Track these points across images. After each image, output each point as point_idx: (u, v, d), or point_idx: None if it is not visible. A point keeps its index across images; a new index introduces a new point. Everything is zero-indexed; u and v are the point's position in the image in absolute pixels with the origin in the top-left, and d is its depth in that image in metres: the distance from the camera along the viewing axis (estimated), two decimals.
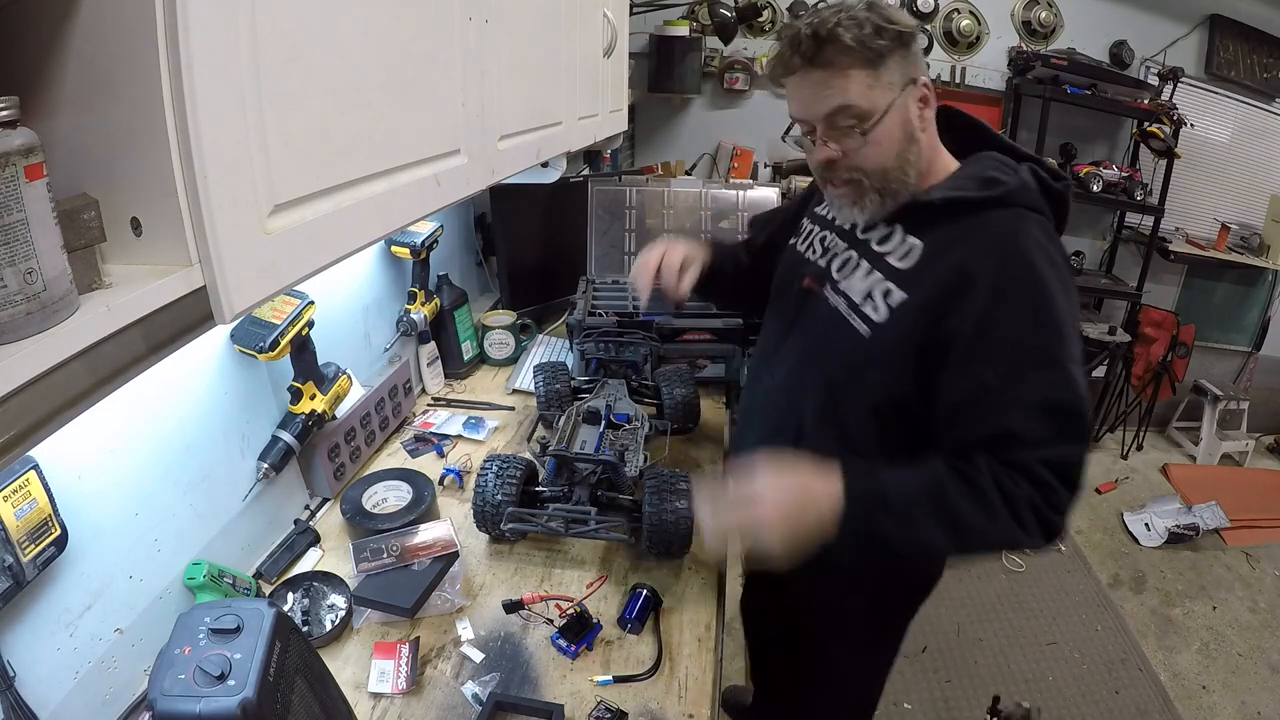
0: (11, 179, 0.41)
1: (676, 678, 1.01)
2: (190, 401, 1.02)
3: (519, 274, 2.11)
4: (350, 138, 0.67)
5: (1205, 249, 3.55)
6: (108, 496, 0.88)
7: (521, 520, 1.17)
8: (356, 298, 1.52)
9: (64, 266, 0.45)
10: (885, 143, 0.93)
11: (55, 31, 0.47)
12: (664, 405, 1.54)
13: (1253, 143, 3.62)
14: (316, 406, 1.23)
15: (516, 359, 1.91)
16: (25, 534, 0.74)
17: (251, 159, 0.54)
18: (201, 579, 0.99)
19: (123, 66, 0.47)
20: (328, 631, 1.02)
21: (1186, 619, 2.67)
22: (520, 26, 1.09)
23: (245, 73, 0.52)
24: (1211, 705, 2.30)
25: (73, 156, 0.50)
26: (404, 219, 0.81)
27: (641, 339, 1.66)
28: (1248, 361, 3.98)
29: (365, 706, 0.94)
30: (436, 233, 1.67)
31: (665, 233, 2.05)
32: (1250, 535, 3.14)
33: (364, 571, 1.08)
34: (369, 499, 1.28)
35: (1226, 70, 3.45)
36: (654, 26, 3.24)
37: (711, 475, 0.94)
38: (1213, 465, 3.68)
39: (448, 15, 0.85)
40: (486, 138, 1.01)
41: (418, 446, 1.51)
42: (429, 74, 0.82)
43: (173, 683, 0.61)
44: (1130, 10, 3.39)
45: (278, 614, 0.69)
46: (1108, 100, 3.24)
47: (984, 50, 3.45)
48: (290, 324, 1.13)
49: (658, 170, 3.14)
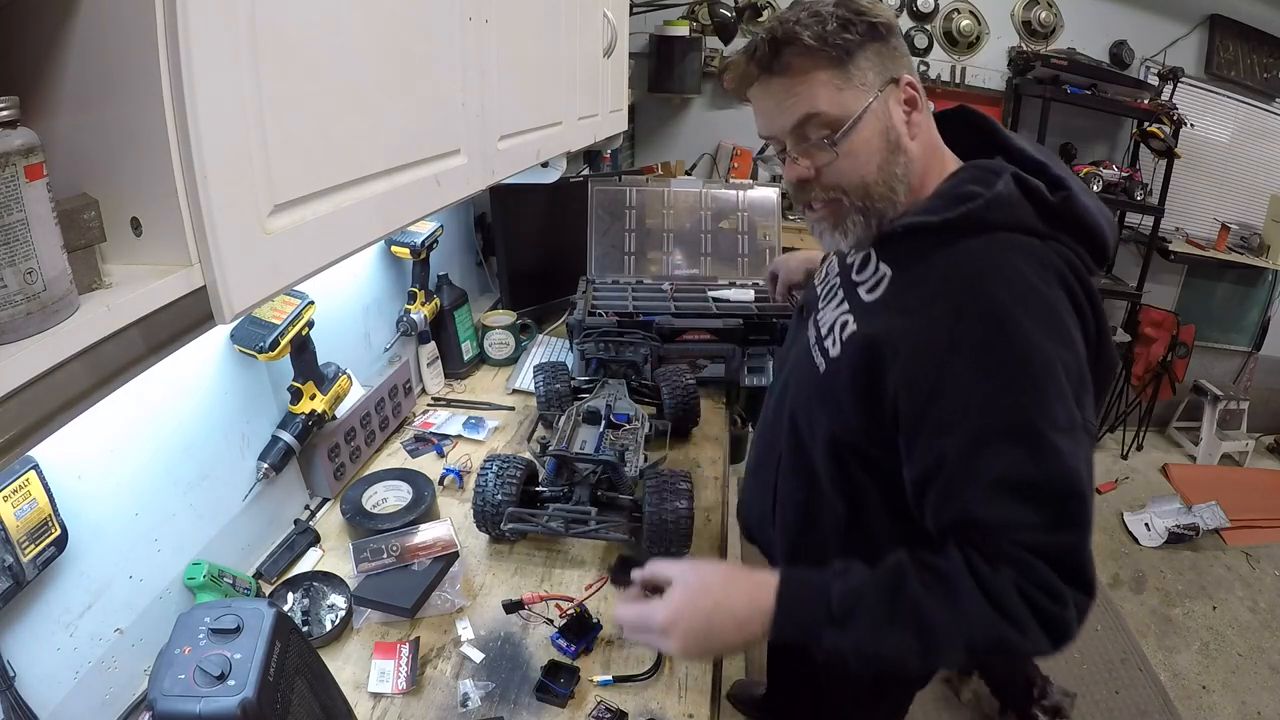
0: (11, 179, 0.41)
1: (676, 678, 1.01)
2: (190, 401, 1.02)
3: (519, 274, 2.11)
4: (350, 138, 0.67)
5: (1205, 249, 3.55)
6: (108, 496, 0.88)
7: (521, 520, 1.17)
8: (356, 298, 1.52)
9: (64, 266, 0.45)
10: (863, 153, 0.80)
11: (55, 31, 0.47)
12: (664, 405, 1.54)
13: (1253, 143, 3.62)
14: (316, 406, 1.22)
15: (516, 359, 1.91)
16: (25, 534, 0.74)
17: (251, 159, 0.54)
18: (201, 579, 0.99)
19: (122, 66, 0.47)
20: (328, 631, 1.02)
21: (1186, 619, 2.67)
22: (520, 26, 1.09)
23: (245, 73, 0.52)
24: (1211, 705, 2.30)
25: (73, 156, 0.50)
26: (404, 219, 0.81)
27: (641, 339, 1.66)
28: (1248, 361, 3.98)
29: (365, 706, 0.94)
30: (436, 233, 1.67)
31: None
32: (1250, 535, 3.14)
33: (364, 571, 1.08)
34: (369, 499, 1.28)
35: (1226, 70, 3.45)
36: (654, 26, 3.24)
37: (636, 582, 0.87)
38: (1213, 465, 3.68)
39: (448, 15, 0.85)
40: (486, 138, 1.01)
41: (418, 446, 1.51)
42: (429, 74, 0.82)
43: (173, 683, 0.61)
44: (1130, 10, 3.39)
45: (278, 614, 0.69)
46: (1108, 100, 3.25)
47: (984, 50, 3.45)
48: (290, 324, 1.13)
49: (658, 170, 3.15)
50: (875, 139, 0.80)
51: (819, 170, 0.82)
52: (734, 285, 2.01)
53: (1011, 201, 0.77)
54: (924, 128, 0.84)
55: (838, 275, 0.97)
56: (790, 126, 0.81)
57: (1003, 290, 0.72)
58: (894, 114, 0.81)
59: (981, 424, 0.71)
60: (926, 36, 3.41)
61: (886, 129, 0.81)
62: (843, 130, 0.79)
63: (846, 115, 0.79)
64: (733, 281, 2.04)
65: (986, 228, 0.76)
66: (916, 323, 0.76)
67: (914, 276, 0.80)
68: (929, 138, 0.86)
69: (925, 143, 0.85)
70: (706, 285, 2.01)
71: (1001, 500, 0.70)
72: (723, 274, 2.08)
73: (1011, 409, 0.70)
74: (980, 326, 0.72)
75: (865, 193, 0.82)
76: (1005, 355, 0.71)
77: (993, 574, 0.70)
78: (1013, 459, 0.70)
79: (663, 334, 1.73)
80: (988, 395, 0.71)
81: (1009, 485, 0.70)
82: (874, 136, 0.80)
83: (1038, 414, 0.70)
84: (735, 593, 0.78)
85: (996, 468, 0.70)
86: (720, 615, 0.78)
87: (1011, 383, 0.70)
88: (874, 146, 0.80)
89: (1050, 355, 0.71)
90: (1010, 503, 0.70)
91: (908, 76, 0.82)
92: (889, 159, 0.81)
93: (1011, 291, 0.72)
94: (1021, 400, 0.70)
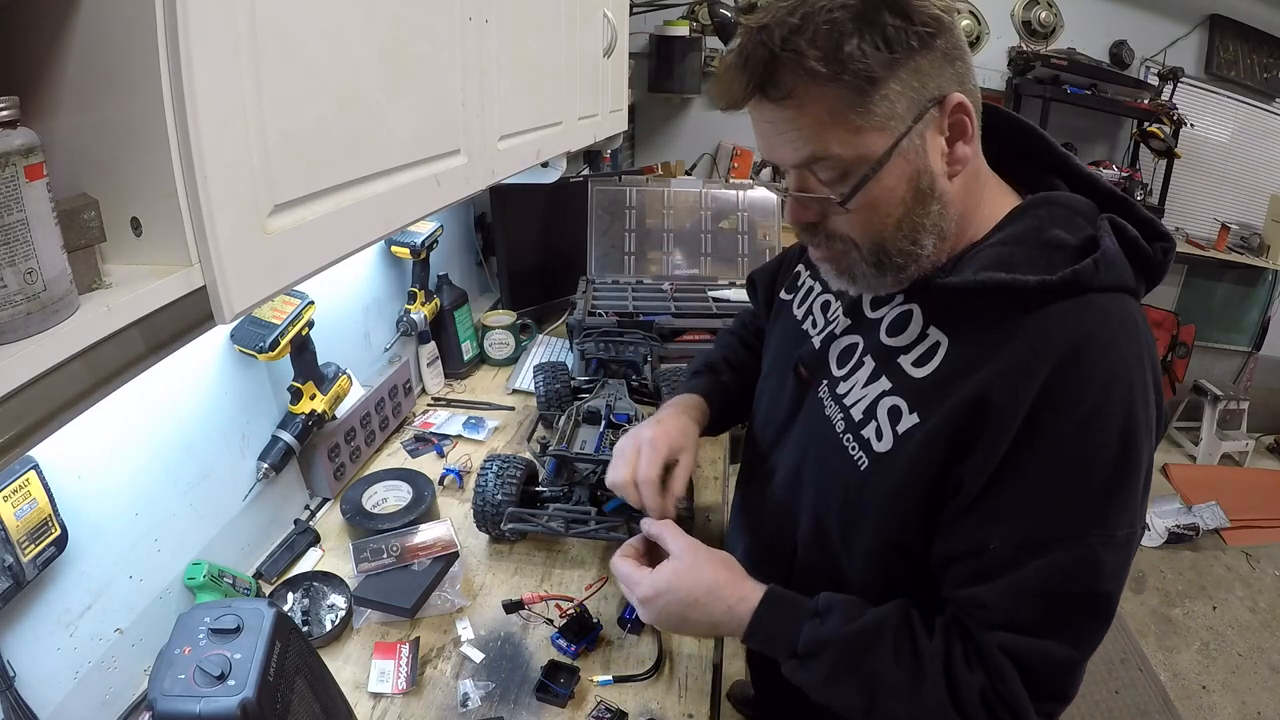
0: (11, 179, 0.41)
1: (676, 678, 1.01)
2: (190, 401, 1.02)
3: (519, 274, 2.11)
4: (350, 138, 0.67)
5: (1205, 249, 3.56)
6: (108, 496, 0.88)
7: (521, 520, 1.17)
8: (356, 298, 1.52)
9: (64, 266, 0.45)
10: (883, 205, 0.63)
11: (55, 31, 0.47)
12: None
13: (1253, 143, 3.63)
14: (316, 406, 1.22)
15: (516, 359, 1.91)
16: (25, 534, 0.74)
17: (251, 159, 0.54)
18: (201, 579, 0.99)
19: (122, 66, 0.47)
20: (328, 631, 1.02)
21: (1186, 619, 2.67)
22: (520, 26, 1.09)
23: (245, 72, 0.52)
24: (1211, 705, 2.30)
25: (73, 156, 0.50)
26: (404, 219, 0.81)
27: (641, 339, 1.66)
28: (1248, 361, 3.98)
29: (365, 706, 0.94)
30: (436, 233, 1.67)
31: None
32: (1250, 535, 3.14)
33: (364, 571, 1.08)
34: (369, 499, 1.28)
35: (1226, 70, 3.45)
36: (654, 26, 3.24)
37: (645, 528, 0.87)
38: (1213, 465, 3.68)
39: (448, 15, 0.85)
40: (486, 138, 1.00)
41: (418, 446, 1.51)
42: (429, 74, 0.82)
43: (173, 683, 0.61)
44: (1130, 10, 3.40)
45: (278, 614, 0.69)
46: (1108, 100, 3.25)
47: (984, 50, 3.45)
48: (290, 324, 1.13)
49: (658, 170, 3.15)
50: (900, 187, 0.63)
51: (824, 215, 0.67)
52: (734, 285, 2.01)
53: (1119, 261, 0.63)
54: (970, 158, 0.65)
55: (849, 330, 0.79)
56: (791, 164, 0.66)
57: (1099, 380, 0.60)
58: (930, 151, 0.63)
59: (1038, 530, 0.62)
60: None
61: (917, 173, 0.63)
62: (855, 183, 0.62)
63: (864, 159, 0.61)
64: (733, 281, 2.04)
65: (1082, 289, 0.62)
66: (995, 402, 0.62)
67: (987, 342, 0.63)
68: (974, 167, 0.67)
69: (969, 174, 0.66)
70: (706, 285, 2.01)
71: (1019, 600, 0.64)
72: (723, 274, 2.08)
73: (1073, 522, 0.61)
74: (1068, 421, 0.60)
75: (880, 248, 0.66)
76: (1088, 459, 0.60)
77: (967, 674, 0.66)
78: (1053, 570, 0.62)
79: (663, 334, 1.73)
80: (1055, 501, 0.61)
81: (1036, 593, 0.63)
82: (899, 185, 0.63)
83: (1099, 526, 0.61)
84: (717, 600, 0.77)
85: (1032, 578, 0.63)
86: (697, 613, 0.78)
87: (1085, 491, 0.60)
88: (897, 197, 0.63)
89: (1135, 459, 0.61)
90: (1027, 603, 0.63)
91: (957, 96, 0.61)
92: (915, 210, 0.64)
93: (1109, 383, 0.60)
94: (1089, 512, 0.61)
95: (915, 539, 0.71)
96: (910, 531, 0.70)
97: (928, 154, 0.63)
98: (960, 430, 0.63)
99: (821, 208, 0.67)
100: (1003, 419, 0.61)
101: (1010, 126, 0.74)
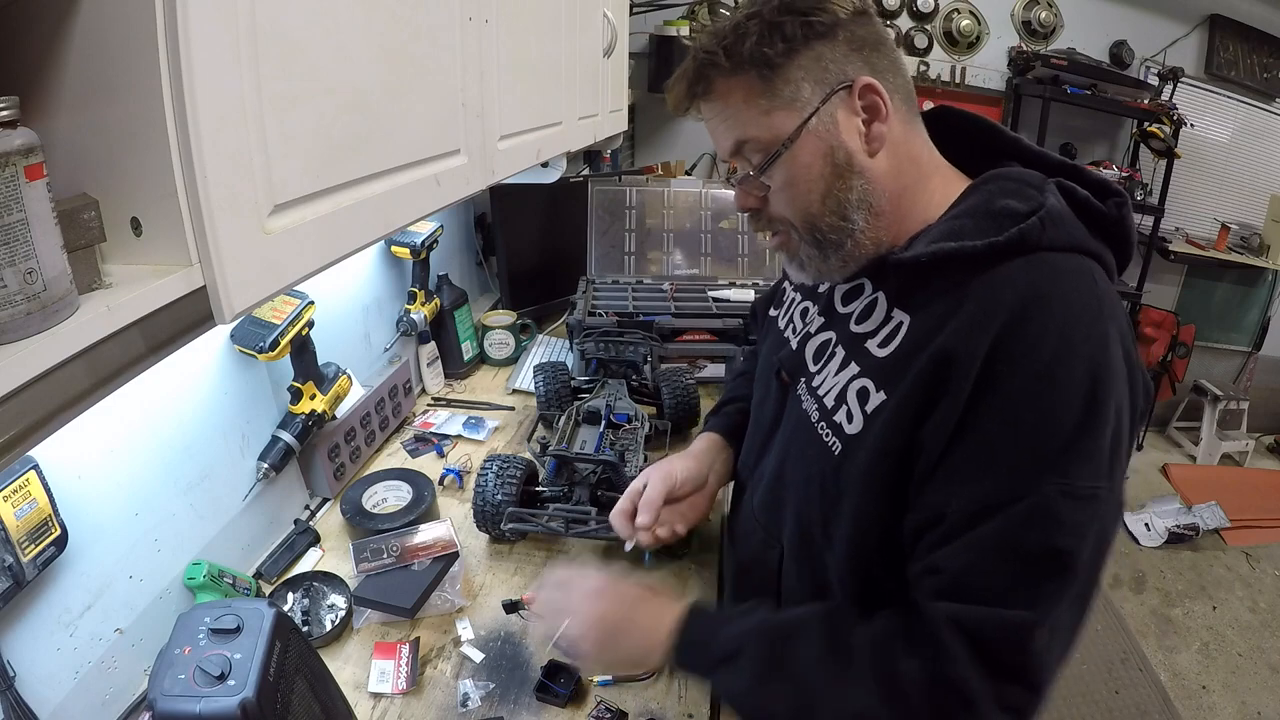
0: (11, 179, 0.41)
1: (676, 678, 1.01)
2: (190, 401, 1.02)
3: (519, 274, 2.11)
4: (350, 138, 0.67)
5: (1205, 249, 3.55)
6: (108, 496, 0.88)
7: (521, 520, 1.17)
8: (356, 298, 1.52)
9: (64, 266, 0.45)
10: (802, 181, 0.69)
11: (55, 31, 0.47)
12: (664, 405, 1.54)
13: (1253, 143, 3.62)
14: (316, 406, 1.22)
15: (516, 359, 1.91)
16: (25, 534, 0.74)
17: (251, 159, 0.54)
18: (201, 579, 0.99)
19: (123, 66, 0.47)
20: (328, 631, 1.02)
21: (1186, 619, 2.67)
22: (520, 26, 1.09)
23: (245, 72, 0.52)
24: (1211, 705, 2.30)
25: (73, 156, 0.50)
26: (404, 219, 0.81)
27: (641, 339, 1.67)
28: (1248, 361, 3.98)
29: (365, 706, 0.94)
30: (436, 233, 1.67)
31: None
32: (1250, 535, 3.14)
33: (364, 571, 1.08)
34: (369, 499, 1.28)
35: (1226, 70, 3.45)
36: (654, 26, 3.23)
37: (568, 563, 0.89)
38: (1213, 465, 3.68)
39: (448, 15, 0.85)
40: (486, 138, 1.00)
41: (418, 446, 1.51)
42: (429, 74, 0.82)
43: (173, 683, 0.61)
44: (1130, 10, 3.40)
45: (278, 614, 0.69)
46: (1108, 100, 3.25)
47: (984, 50, 3.45)
48: (290, 324, 1.13)
49: (658, 170, 3.14)
50: (817, 163, 0.69)
51: (763, 199, 0.73)
52: (734, 285, 2.01)
53: (1062, 214, 0.65)
54: (894, 138, 0.70)
55: (822, 328, 0.82)
56: (727, 153, 0.74)
57: (1054, 331, 0.60)
58: (842, 129, 0.68)
59: (995, 487, 0.60)
60: (926, 36, 3.41)
61: (830, 149, 0.68)
62: (768, 158, 0.69)
63: (778, 138, 0.68)
64: (733, 281, 2.04)
65: (1034, 248, 0.63)
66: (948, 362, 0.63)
67: (945, 311, 0.65)
68: (906, 149, 0.71)
69: (900, 155, 0.71)
70: (706, 285, 2.01)
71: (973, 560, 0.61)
72: (723, 274, 2.08)
73: (1029, 475, 0.59)
74: (1023, 373, 0.60)
75: (811, 225, 0.71)
76: (1044, 412, 0.59)
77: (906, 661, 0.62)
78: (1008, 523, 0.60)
79: (663, 334, 1.73)
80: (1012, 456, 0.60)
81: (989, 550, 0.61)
82: (815, 161, 0.69)
83: (1057, 476, 0.59)
84: (638, 615, 0.78)
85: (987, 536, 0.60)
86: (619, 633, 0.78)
87: (1042, 443, 0.59)
88: (816, 173, 0.69)
89: (1100, 412, 0.59)
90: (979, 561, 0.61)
91: (865, 79, 0.67)
92: (837, 184, 0.69)
93: (1065, 334, 0.60)
94: (1046, 464, 0.59)
95: (893, 523, 0.69)
96: (888, 515, 0.69)
97: (840, 132, 0.69)
98: (924, 393, 0.64)
99: (758, 191, 0.73)
100: (959, 371, 0.61)
101: (962, 123, 0.79)
